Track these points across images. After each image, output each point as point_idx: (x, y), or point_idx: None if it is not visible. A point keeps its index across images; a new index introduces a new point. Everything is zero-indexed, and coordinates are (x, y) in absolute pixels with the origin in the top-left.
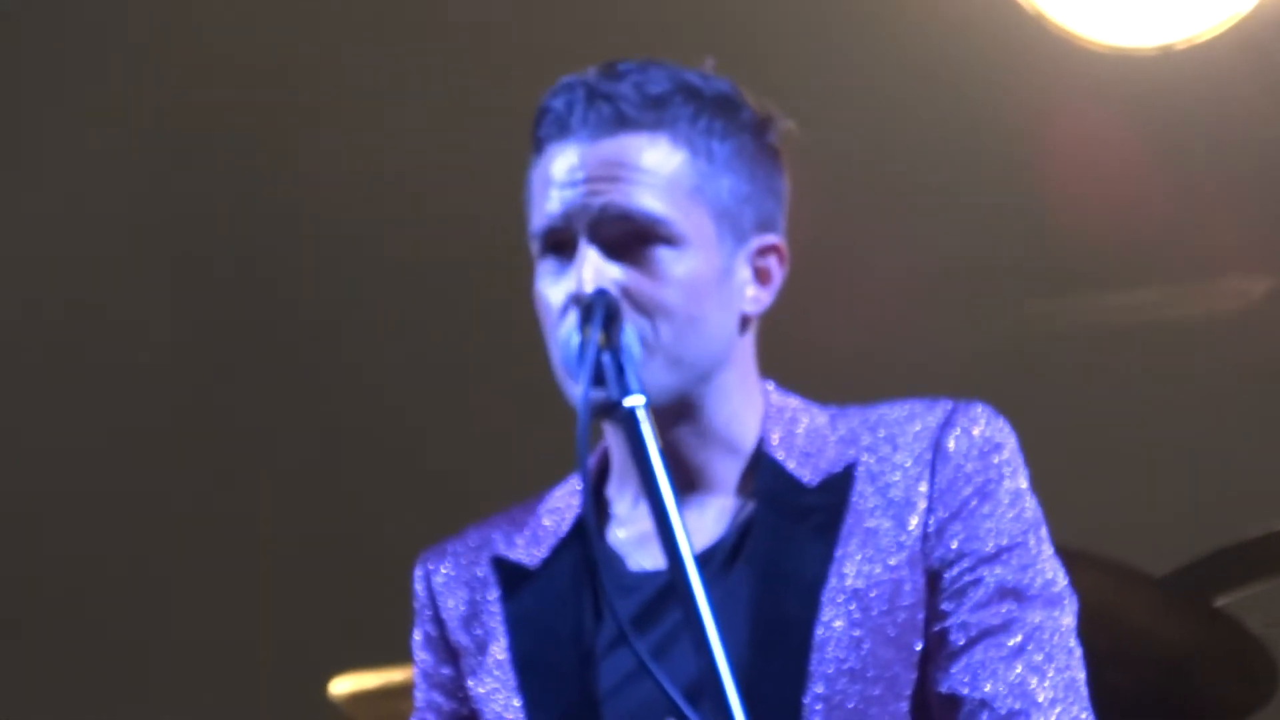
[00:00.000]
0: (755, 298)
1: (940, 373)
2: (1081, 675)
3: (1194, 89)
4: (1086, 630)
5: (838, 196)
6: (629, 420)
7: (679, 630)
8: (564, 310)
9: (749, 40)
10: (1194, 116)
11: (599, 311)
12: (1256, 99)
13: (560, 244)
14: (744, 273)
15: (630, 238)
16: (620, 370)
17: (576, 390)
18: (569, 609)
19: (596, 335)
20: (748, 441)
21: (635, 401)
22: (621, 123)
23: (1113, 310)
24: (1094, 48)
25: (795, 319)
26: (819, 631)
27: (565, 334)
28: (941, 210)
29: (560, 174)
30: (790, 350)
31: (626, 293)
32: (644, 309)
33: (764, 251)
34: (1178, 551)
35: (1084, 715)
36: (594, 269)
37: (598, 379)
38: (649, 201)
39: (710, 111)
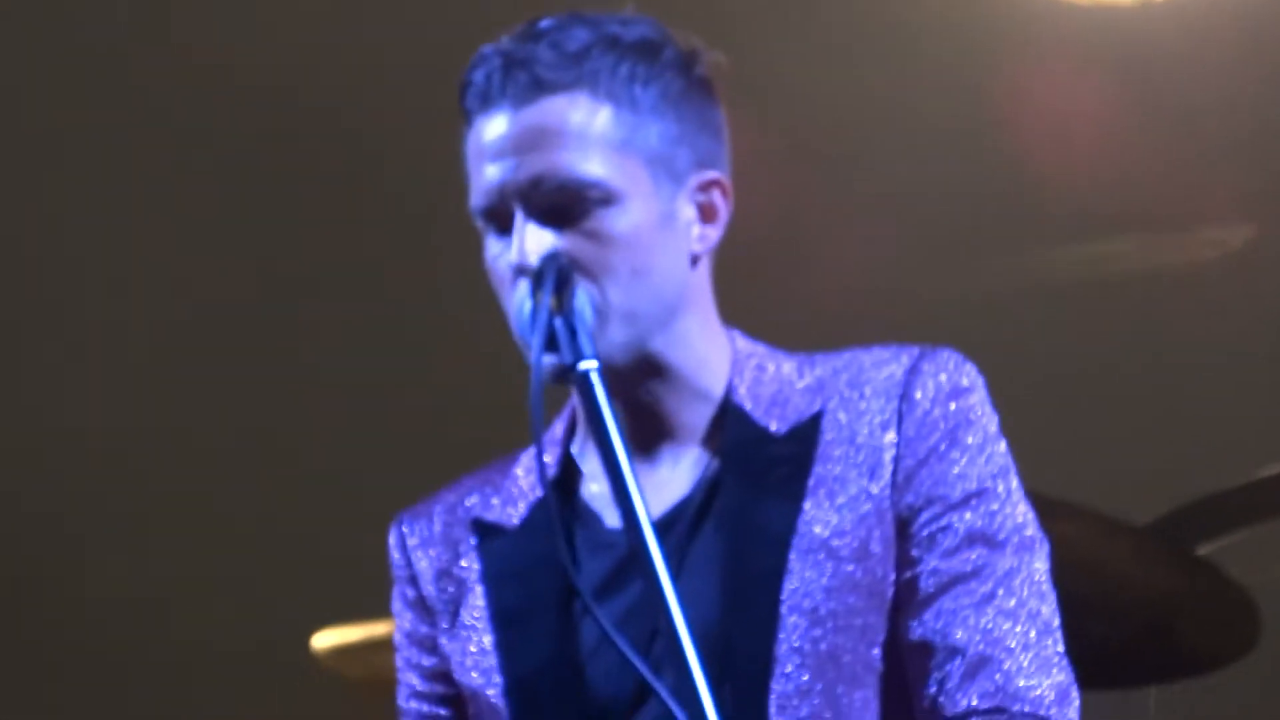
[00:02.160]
0: (702, 235)
1: (920, 325)
2: (1055, 620)
3: (1172, 42)
4: (1068, 580)
5: (814, 152)
6: (583, 384)
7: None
8: (513, 282)
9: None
10: (1172, 69)
11: (550, 277)
12: (1233, 51)
13: (500, 216)
14: (688, 212)
15: (566, 202)
16: (573, 334)
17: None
18: (547, 567)
19: (548, 300)
20: (716, 389)
21: (588, 365)
22: (539, 87)
23: (1092, 261)
24: (1073, 1)
25: (777, 272)
26: (789, 583)
27: (518, 302)
28: (921, 165)
29: (488, 147)
30: (771, 304)
31: (570, 258)
32: (590, 272)
33: (705, 187)
34: (1159, 501)
35: (1057, 659)
36: (533, 240)
37: (551, 344)
38: (579, 165)
39: (632, 58)
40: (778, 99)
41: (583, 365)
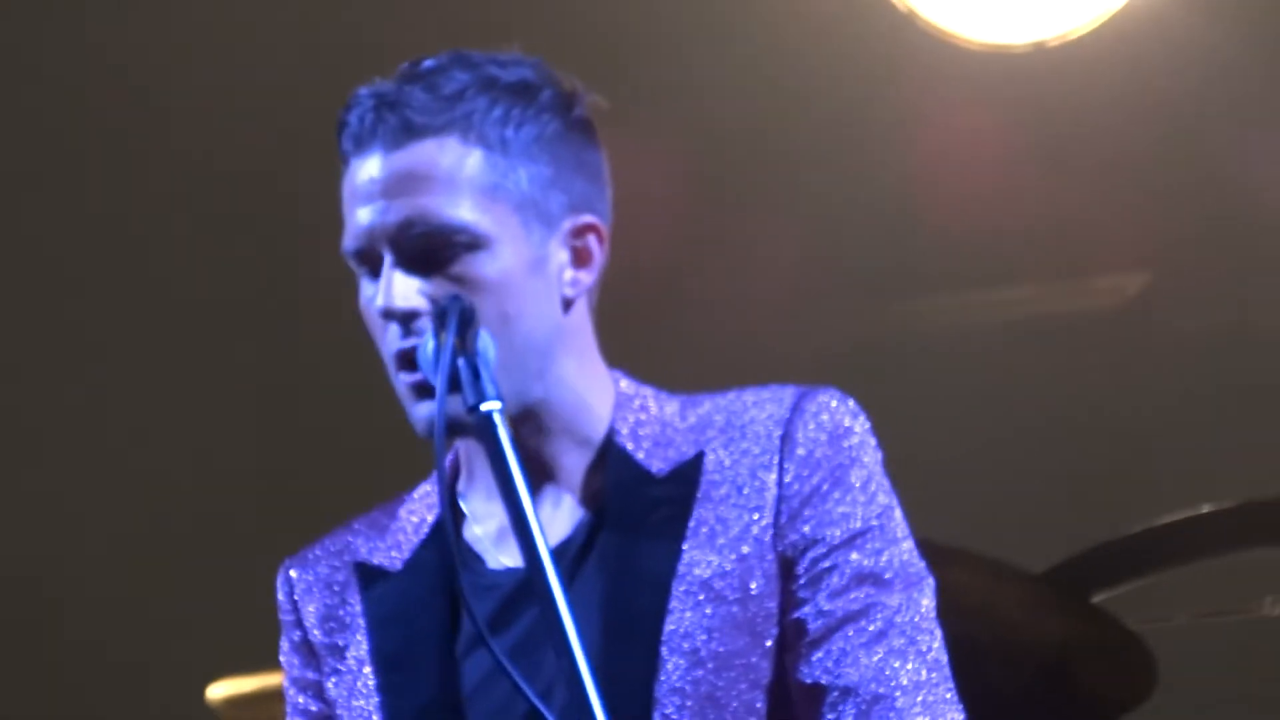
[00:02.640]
0: (574, 280)
1: (808, 369)
2: (944, 656)
3: (1067, 86)
4: (965, 626)
5: (710, 195)
6: (486, 426)
7: (539, 626)
8: (384, 325)
9: (624, 37)
10: (1067, 114)
11: (453, 317)
12: (1129, 95)
13: (371, 259)
14: (560, 256)
15: (433, 247)
16: (475, 375)
17: (415, 403)
18: (430, 609)
19: (451, 341)
20: (598, 431)
21: (492, 406)
22: (410, 131)
23: (987, 307)
24: (966, 45)
25: (664, 310)
26: (669, 624)
27: (392, 346)
28: (814, 207)
29: (359, 190)
30: (660, 341)
31: (434, 304)
32: None
33: (579, 232)
34: (1054, 548)
35: (949, 696)
36: (400, 284)
37: (452, 385)
38: (447, 209)
39: (507, 100)
40: (674, 131)
41: (485, 406)
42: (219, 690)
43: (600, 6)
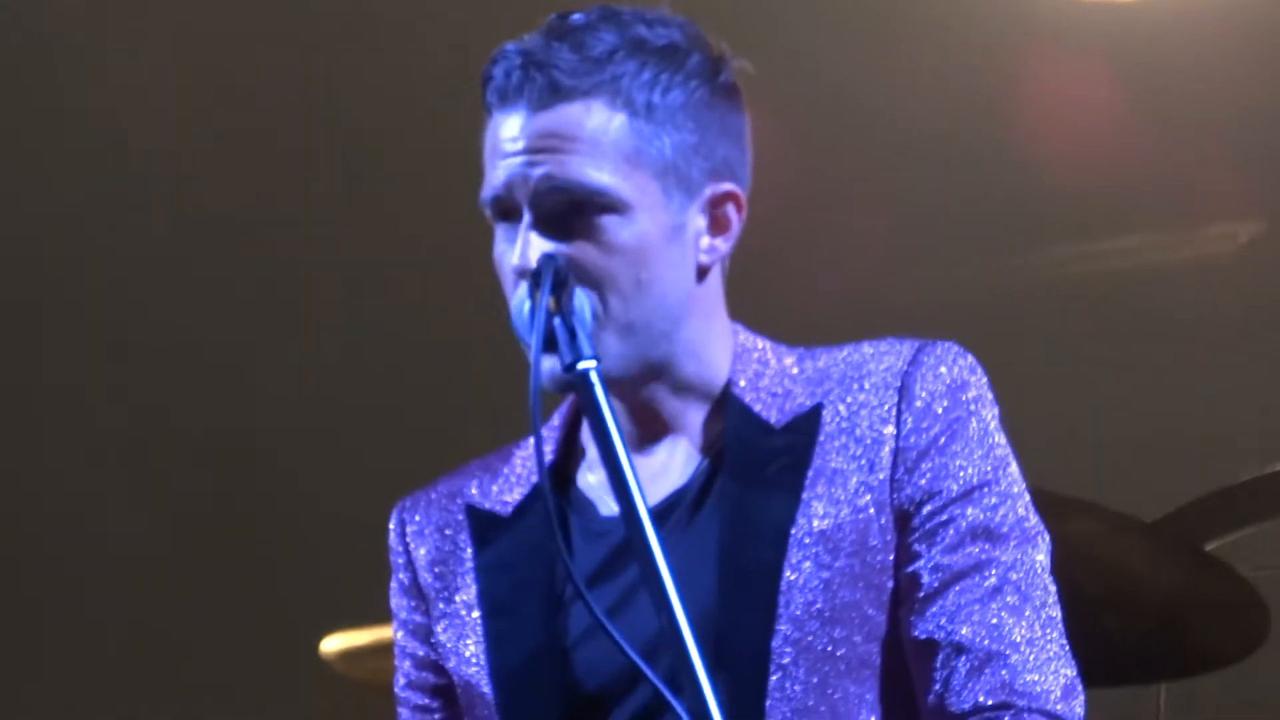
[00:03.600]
0: (711, 247)
1: (925, 321)
2: (1058, 613)
3: (1177, 37)
4: (1080, 576)
5: (820, 146)
6: (582, 384)
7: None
8: (515, 283)
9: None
10: (1176, 64)
11: (547, 278)
12: (1239, 45)
13: (508, 211)
14: (698, 223)
15: (571, 209)
16: (572, 335)
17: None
18: (539, 556)
19: (546, 301)
20: (717, 383)
21: (587, 365)
22: (556, 93)
23: (1100, 257)
24: None
25: (776, 264)
26: (787, 574)
27: (517, 303)
28: (926, 161)
29: (502, 144)
30: (771, 294)
31: (572, 264)
32: (591, 280)
33: (719, 200)
34: (1169, 497)
35: (1061, 653)
36: (535, 245)
37: (550, 345)
38: (587, 172)
39: (655, 64)
40: (780, 93)
41: (581, 365)
42: (333, 644)
43: None
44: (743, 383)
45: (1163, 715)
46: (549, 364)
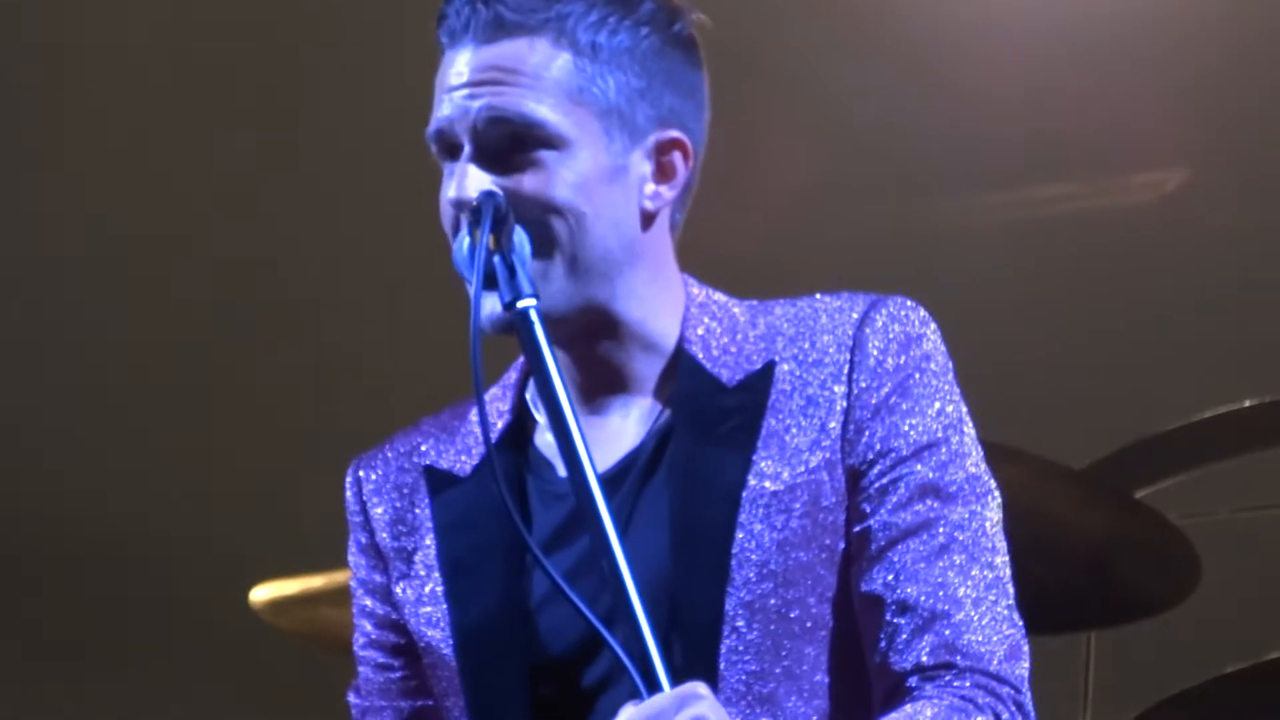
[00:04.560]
0: (655, 193)
1: (852, 265)
2: (1007, 572)
3: None
4: (1007, 523)
5: (751, 94)
6: (523, 323)
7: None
8: (453, 216)
9: None
10: (1108, 8)
11: (487, 214)
12: None
13: (452, 148)
14: (643, 168)
15: (512, 143)
16: (511, 273)
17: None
18: (499, 516)
19: (486, 239)
20: (668, 339)
21: (527, 303)
22: (501, 28)
23: (1030, 204)
24: None
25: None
26: (739, 535)
27: (458, 241)
28: (854, 107)
29: (448, 79)
30: (706, 248)
31: (513, 197)
32: (533, 211)
33: (664, 147)
34: (1098, 444)
35: (1007, 612)
36: (473, 177)
37: (490, 283)
38: (528, 105)
39: (604, 6)
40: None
41: (521, 303)
42: (262, 593)
43: None
44: (694, 339)
45: (1092, 662)
46: (489, 303)
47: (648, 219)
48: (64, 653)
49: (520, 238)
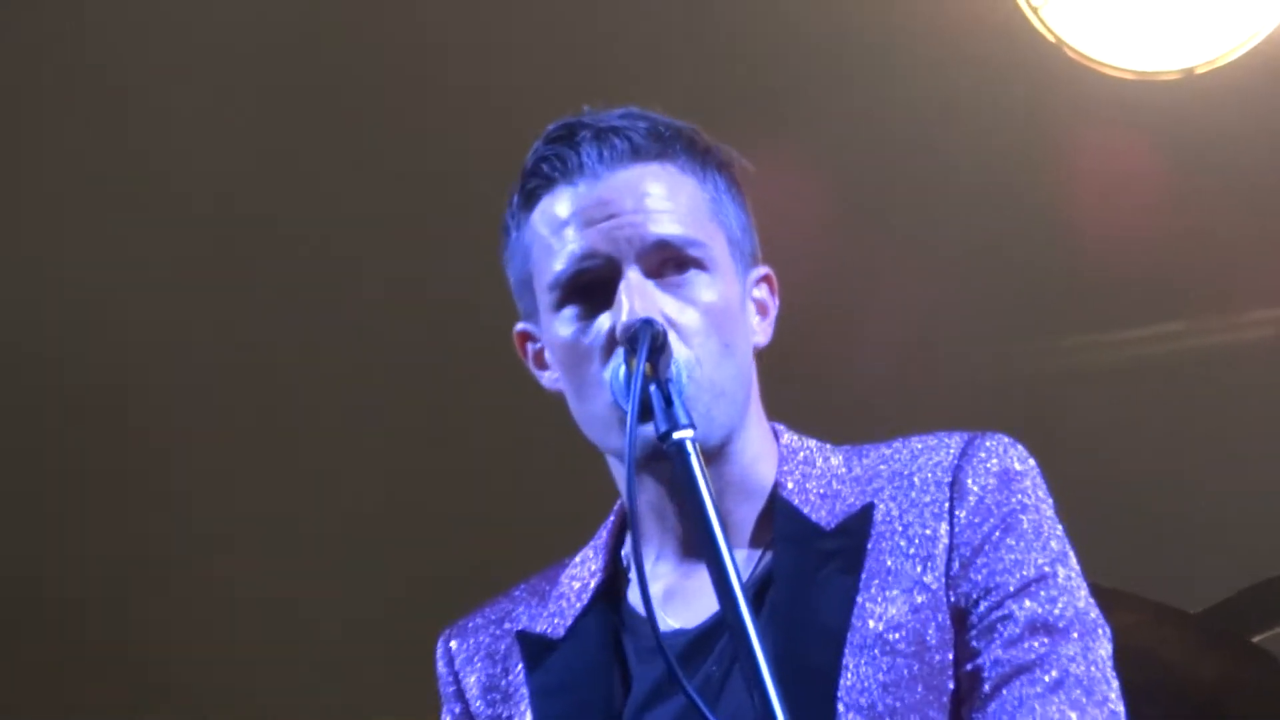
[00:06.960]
0: (762, 328)
1: (964, 405)
2: (1120, 708)
3: (1216, 112)
4: (1121, 666)
5: (863, 232)
6: (678, 454)
7: (706, 688)
8: (606, 347)
9: (765, 74)
10: (1217, 140)
11: (644, 341)
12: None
13: (589, 284)
14: (749, 302)
15: (665, 265)
16: (668, 402)
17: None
18: (595, 678)
19: (642, 367)
20: (765, 485)
21: (684, 434)
22: (635, 153)
23: (1141, 342)
24: (1115, 74)
25: (821, 349)
26: (845, 679)
27: (612, 369)
28: (965, 244)
29: (579, 213)
30: (815, 382)
31: (670, 321)
32: (685, 339)
33: (759, 282)
34: (1215, 588)
35: None
36: (643, 296)
37: (645, 414)
38: (682, 226)
39: (704, 145)
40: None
41: (678, 434)
42: None
43: (737, 44)
44: (790, 484)
45: None
46: (644, 433)
47: (755, 356)
48: None
49: (677, 367)
